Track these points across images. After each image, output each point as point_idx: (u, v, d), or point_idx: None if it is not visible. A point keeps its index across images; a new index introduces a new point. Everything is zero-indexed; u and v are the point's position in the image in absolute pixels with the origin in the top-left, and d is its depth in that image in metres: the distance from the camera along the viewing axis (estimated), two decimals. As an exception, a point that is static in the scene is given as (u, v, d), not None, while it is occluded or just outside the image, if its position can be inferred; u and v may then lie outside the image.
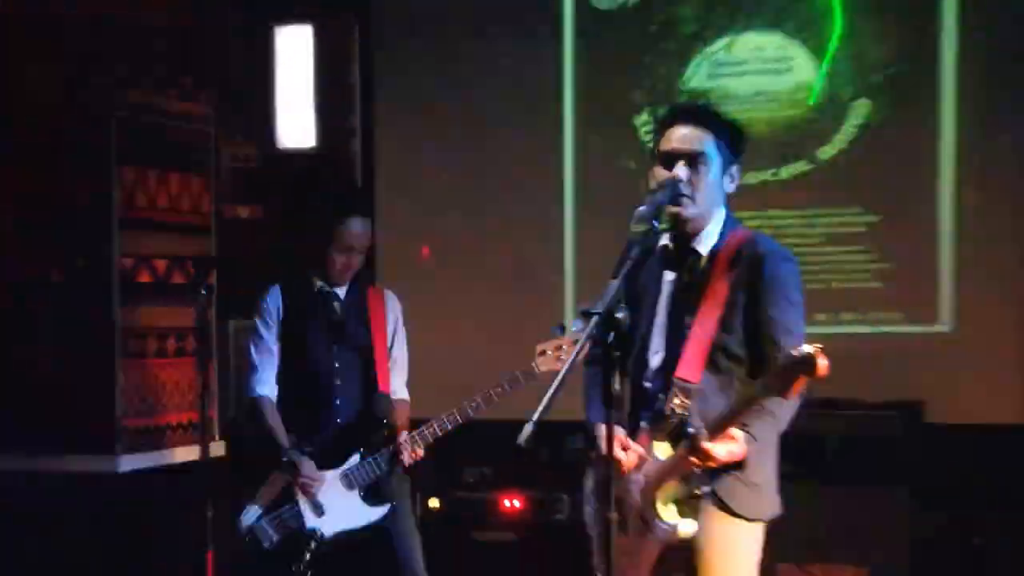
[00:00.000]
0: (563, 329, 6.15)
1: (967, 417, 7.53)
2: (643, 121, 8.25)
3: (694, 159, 4.77)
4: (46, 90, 7.97)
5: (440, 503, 7.82)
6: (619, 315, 4.22)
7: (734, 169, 4.92)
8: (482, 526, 7.93)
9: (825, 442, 5.26)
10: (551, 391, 4.18)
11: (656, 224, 4.48)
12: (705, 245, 4.86)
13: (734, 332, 4.77)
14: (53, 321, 8.03)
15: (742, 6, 8.15)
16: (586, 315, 4.27)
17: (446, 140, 8.67)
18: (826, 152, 7.96)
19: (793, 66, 8.03)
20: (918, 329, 7.72)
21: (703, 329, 4.79)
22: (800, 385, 4.25)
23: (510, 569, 7.79)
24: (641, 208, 4.48)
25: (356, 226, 6.30)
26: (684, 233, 4.87)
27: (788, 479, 5.04)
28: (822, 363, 4.11)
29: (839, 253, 7.88)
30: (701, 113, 4.97)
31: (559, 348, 5.99)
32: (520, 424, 4.10)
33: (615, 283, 4.28)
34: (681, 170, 4.75)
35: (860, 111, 7.90)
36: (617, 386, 4.35)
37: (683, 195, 4.72)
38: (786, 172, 8.02)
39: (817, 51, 7.98)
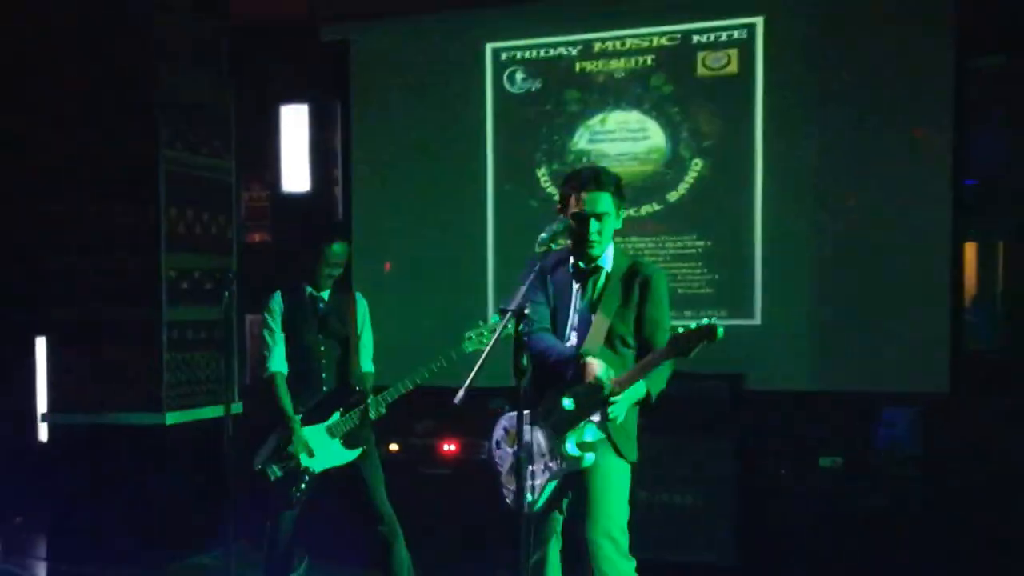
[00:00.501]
0: (484, 322, 6.14)
1: (773, 385, 7.59)
2: (543, 172, 8.26)
3: (600, 217, 4.92)
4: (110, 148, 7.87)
5: (398, 447, 7.71)
6: (526, 311, 4.44)
7: (621, 212, 5.06)
8: (427, 464, 7.83)
9: (674, 403, 5.17)
10: (477, 366, 4.50)
11: (552, 246, 4.68)
12: (607, 265, 5.05)
13: (627, 325, 5.00)
14: (118, 317, 7.93)
15: (611, 93, 8.11)
16: (503, 311, 4.47)
17: (402, 187, 8.61)
18: (672, 196, 7.94)
19: (649, 135, 7.99)
20: (738, 322, 7.64)
21: (603, 321, 4.98)
22: (696, 347, 4.57)
23: (447, 494, 7.73)
24: (542, 235, 4.71)
25: (338, 248, 6.34)
26: (591, 259, 5.02)
27: (647, 431, 5.18)
28: (720, 331, 4.50)
29: (682, 268, 7.85)
30: (603, 178, 5.00)
31: (481, 334, 6.00)
32: (455, 390, 4.35)
33: (523, 288, 4.52)
34: (594, 226, 4.92)
35: (696, 167, 7.89)
36: (524, 361, 4.43)
37: (595, 242, 4.93)
38: (644, 210, 7.98)
39: (665, 125, 7.95)
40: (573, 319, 5.11)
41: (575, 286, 5.12)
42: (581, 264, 5.08)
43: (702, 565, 7.01)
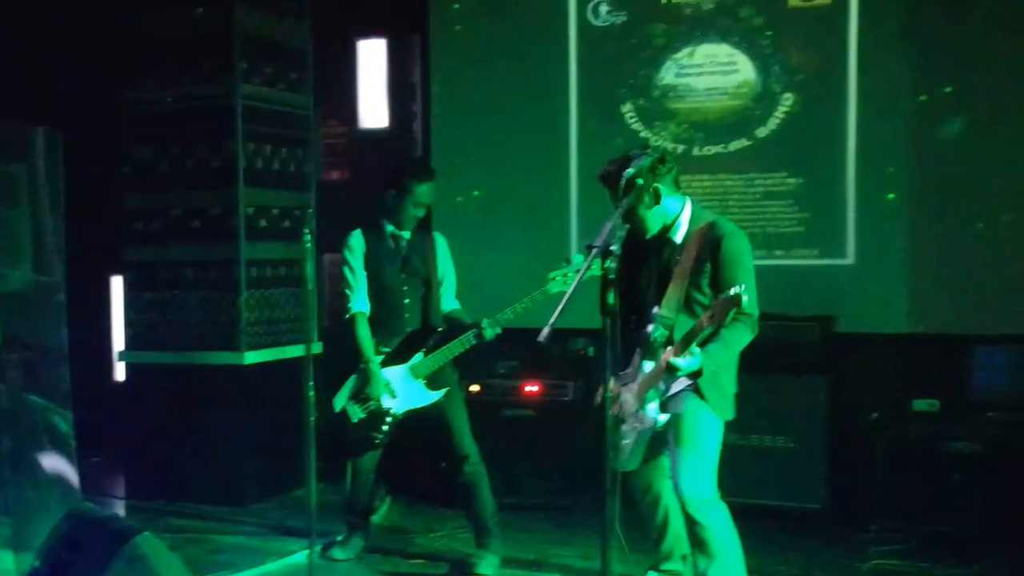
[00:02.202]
0: (568, 261, 6.05)
1: (866, 328, 7.42)
2: (627, 109, 8.08)
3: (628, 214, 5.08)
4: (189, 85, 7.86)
5: (479, 388, 7.63)
6: (612, 248, 4.35)
7: (660, 189, 5.08)
8: (509, 405, 7.74)
9: (764, 346, 5.12)
10: (562, 303, 4.47)
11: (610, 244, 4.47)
12: (678, 235, 5.12)
13: (702, 289, 5.04)
14: (195, 256, 7.97)
15: (699, 26, 7.91)
16: (589, 248, 4.40)
17: (483, 123, 8.47)
18: (761, 132, 7.76)
19: (738, 68, 7.80)
20: (829, 262, 7.54)
21: (679, 286, 5.05)
22: (728, 315, 4.63)
23: (529, 437, 7.62)
24: (606, 232, 4.44)
25: (425, 187, 6.28)
26: (647, 236, 5.19)
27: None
28: (744, 299, 4.55)
29: (771, 206, 7.67)
30: (611, 180, 5.10)
31: (566, 275, 5.89)
32: (537, 330, 4.31)
33: (609, 224, 4.47)
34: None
35: (787, 102, 7.70)
36: (612, 300, 4.34)
37: (644, 231, 5.18)
38: (732, 146, 7.81)
39: (755, 58, 7.75)
40: (652, 286, 5.21)
41: (654, 258, 5.22)
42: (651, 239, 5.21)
43: (791, 509, 6.89)
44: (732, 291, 4.58)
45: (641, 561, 5.77)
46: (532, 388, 7.83)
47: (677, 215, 5.13)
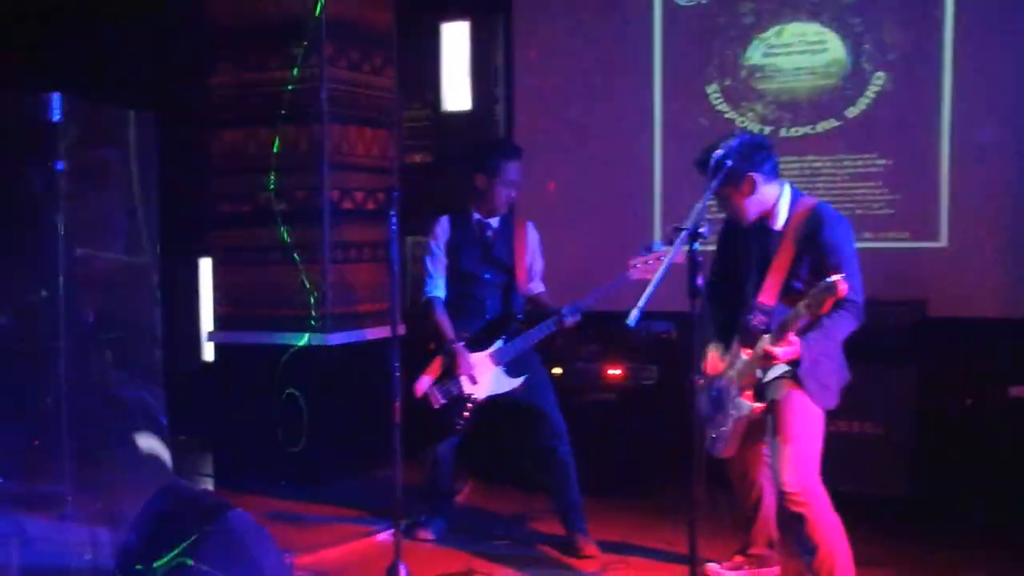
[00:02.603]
0: (649, 249, 5.96)
1: (959, 311, 7.31)
2: (713, 89, 8.04)
3: (724, 197, 5.09)
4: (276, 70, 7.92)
5: (562, 371, 7.62)
6: (701, 230, 4.47)
7: (756, 176, 5.01)
8: (592, 389, 7.77)
9: (853, 332, 5.09)
10: (652, 284, 4.68)
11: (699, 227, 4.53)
12: (778, 221, 5.07)
13: (801, 277, 4.95)
14: (280, 237, 8.01)
15: (788, 4, 7.88)
16: (676, 230, 4.56)
17: (564, 105, 8.48)
18: (852, 112, 7.70)
19: (828, 47, 7.74)
20: (921, 245, 7.48)
21: (779, 274, 4.99)
22: (829, 304, 4.60)
23: (612, 420, 7.66)
24: (694, 215, 4.54)
25: (516, 167, 6.29)
26: (760, 219, 5.12)
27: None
28: (842, 287, 4.48)
29: (861, 188, 7.61)
30: (708, 166, 4.99)
31: (647, 261, 5.82)
32: (618, 313, 4.46)
33: (699, 206, 4.55)
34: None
35: (878, 81, 7.62)
36: (700, 281, 4.49)
37: (739, 218, 5.15)
38: (821, 127, 7.76)
39: (846, 36, 7.68)
40: (752, 274, 5.16)
41: (752, 245, 5.19)
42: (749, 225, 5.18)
43: (879, 497, 6.78)
44: (831, 279, 4.52)
45: (726, 545, 5.78)
46: (615, 372, 7.83)
47: (775, 201, 5.06)
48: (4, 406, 6.99)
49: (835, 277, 4.52)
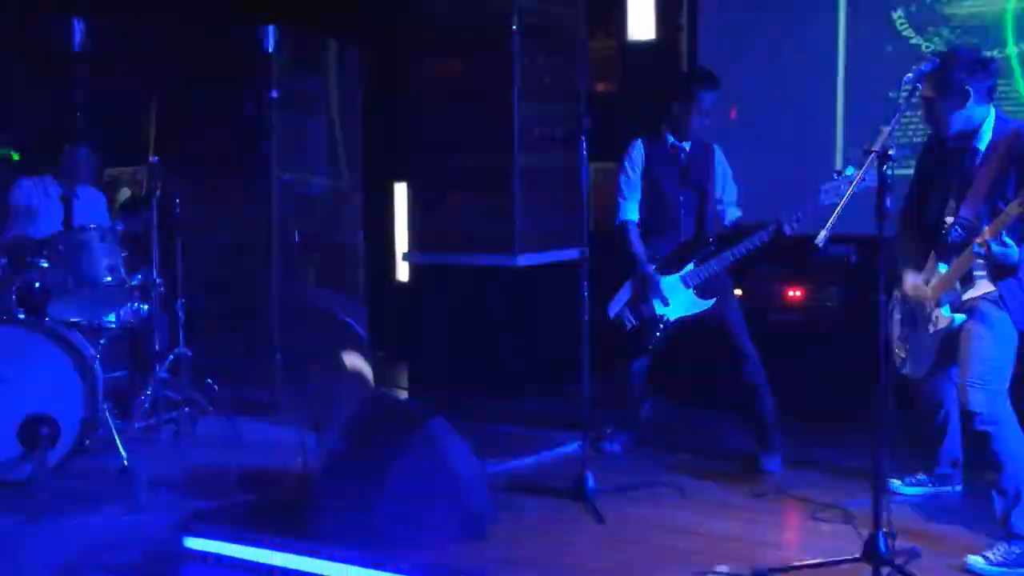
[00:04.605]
0: (839, 174, 5.88)
1: None
2: (899, 15, 7.79)
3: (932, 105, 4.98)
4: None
5: (742, 293, 7.63)
6: (890, 152, 4.39)
7: (971, 90, 4.89)
8: (773, 310, 7.78)
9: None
10: (838, 209, 4.66)
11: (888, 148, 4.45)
12: (982, 142, 4.91)
13: (1006, 197, 4.74)
14: (474, 164, 8.16)
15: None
16: (867, 152, 4.42)
17: (749, 34, 8.32)
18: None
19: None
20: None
21: (980, 189, 4.85)
22: None
23: (792, 341, 7.61)
24: (883, 137, 4.45)
25: (713, 97, 6.33)
26: (963, 138, 4.96)
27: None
28: None
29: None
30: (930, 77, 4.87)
31: (839, 186, 5.70)
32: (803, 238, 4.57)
33: (887, 129, 4.44)
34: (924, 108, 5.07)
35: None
36: (888, 203, 4.39)
37: (935, 125, 5.06)
38: (1011, 51, 7.41)
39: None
40: (950, 194, 5.06)
41: (952, 161, 5.09)
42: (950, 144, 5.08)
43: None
44: None
45: (909, 464, 5.80)
46: (795, 293, 7.83)
47: (981, 122, 4.94)
48: (222, 320, 7.36)
49: None
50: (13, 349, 5.83)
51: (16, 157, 7.99)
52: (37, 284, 6.16)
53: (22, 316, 6.11)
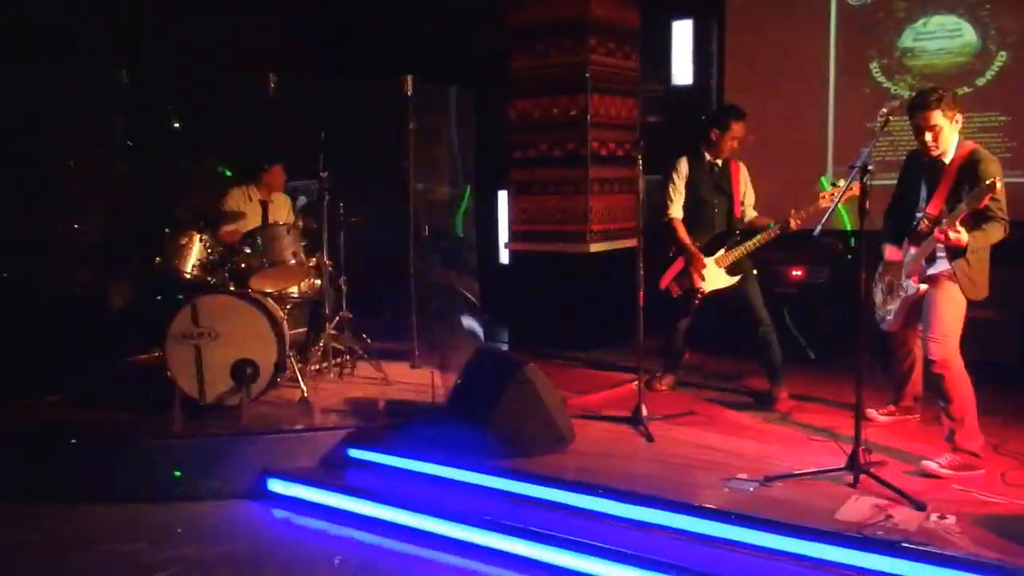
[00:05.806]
0: (833, 184, 5.97)
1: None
2: (874, 66, 7.75)
3: (934, 129, 4.84)
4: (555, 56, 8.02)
5: (756, 272, 7.56)
6: (869, 167, 4.42)
7: (960, 117, 4.89)
8: (779, 285, 7.72)
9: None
10: (832, 207, 4.93)
11: (867, 164, 4.48)
12: (948, 157, 4.88)
13: (962, 198, 4.73)
14: (557, 177, 8.14)
15: (931, 2, 7.52)
16: (851, 168, 4.52)
17: (760, 84, 8.24)
18: (980, 81, 7.34)
19: (962, 33, 7.39)
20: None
21: (944, 194, 4.89)
22: (986, 200, 4.56)
23: (795, 308, 7.63)
24: (863, 156, 4.51)
25: (742, 126, 6.28)
26: (932, 156, 4.92)
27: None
28: (999, 185, 4.48)
29: (985, 138, 7.15)
30: (931, 99, 4.83)
31: (832, 194, 5.67)
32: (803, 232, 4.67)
33: (865, 150, 4.51)
34: (927, 136, 4.86)
35: (1001, 58, 7.26)
36: (867, 205, 4.43)
37: (929, 147, 4.88)
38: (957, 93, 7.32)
39: (976, 24, 7.33)
40: (922, 195, 5.05)
41: (926, 172, 5.04)
42: (923, 159, 5.03)
43: (991, 362, 6.46)
44: (988, 182, 4.47)
45: (881, 399, 5.75)
46: (797, 272, 7.78)
47: (951, 144, 4.90)
48: (374, 291, 7.45)
49: (990, 180, 4.47)
50: (227, 312, 5.93)
51: (228, 173, 8.15)
52: (243, 265, 6.25)
53: (232, 288, 6.24)
